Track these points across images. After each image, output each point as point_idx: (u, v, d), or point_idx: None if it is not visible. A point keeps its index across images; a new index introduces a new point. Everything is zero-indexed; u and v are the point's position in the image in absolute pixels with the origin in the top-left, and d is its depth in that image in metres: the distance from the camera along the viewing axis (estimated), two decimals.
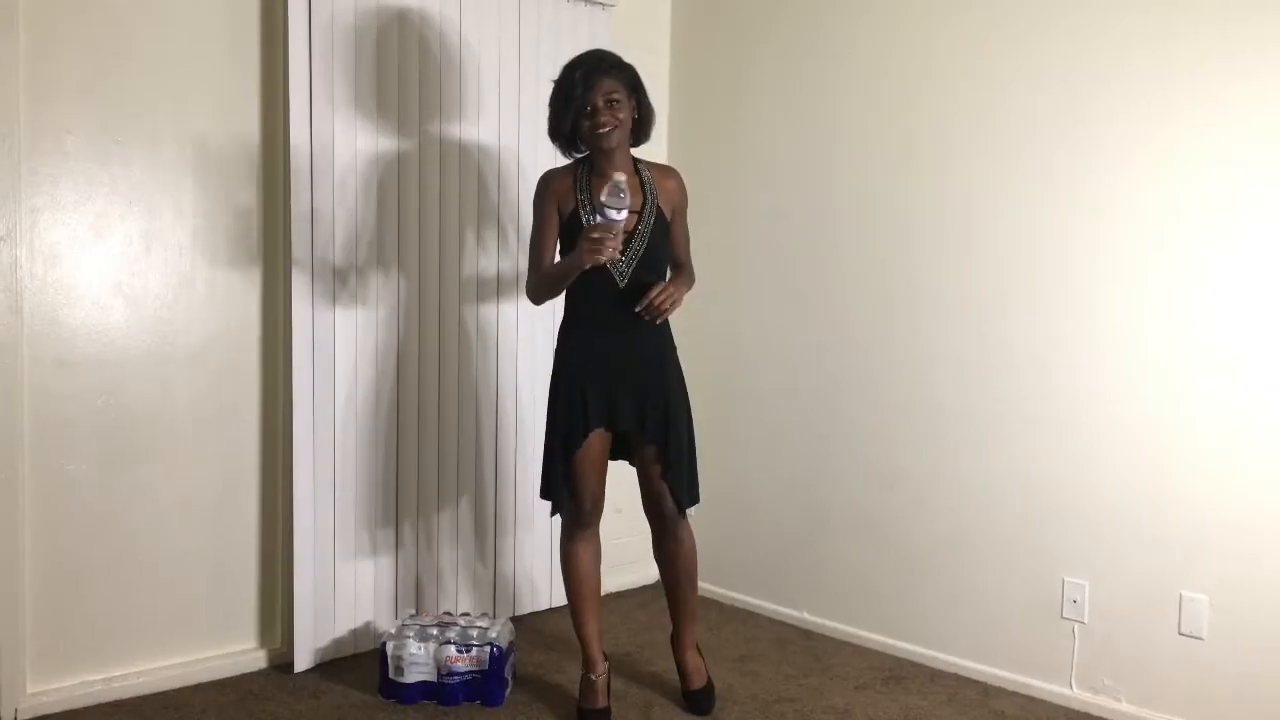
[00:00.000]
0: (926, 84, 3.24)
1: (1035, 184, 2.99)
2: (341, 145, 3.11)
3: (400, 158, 3.26)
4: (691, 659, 2.94)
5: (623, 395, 2.73)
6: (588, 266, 2.54)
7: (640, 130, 2.77)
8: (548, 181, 2.80)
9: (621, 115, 2.66)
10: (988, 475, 3.12)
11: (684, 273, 2.91)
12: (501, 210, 3.54)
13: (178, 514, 2.98)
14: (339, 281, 3.14)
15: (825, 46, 3.52)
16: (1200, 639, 2.70)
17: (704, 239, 3.64)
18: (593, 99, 2.62)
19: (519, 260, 3.56)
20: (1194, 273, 2.70)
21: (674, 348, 2.85)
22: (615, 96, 2.65)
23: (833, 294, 3.52)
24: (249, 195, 3.06)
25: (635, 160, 2.81)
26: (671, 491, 2.80)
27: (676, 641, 2.95)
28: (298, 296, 3.04)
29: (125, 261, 2.87)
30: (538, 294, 2.83)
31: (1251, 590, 2.62)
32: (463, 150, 3.42)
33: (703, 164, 3.84)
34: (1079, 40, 2.89)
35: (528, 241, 2.87)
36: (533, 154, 3.57)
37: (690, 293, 2.89)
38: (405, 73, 3.26)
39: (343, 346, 3.16)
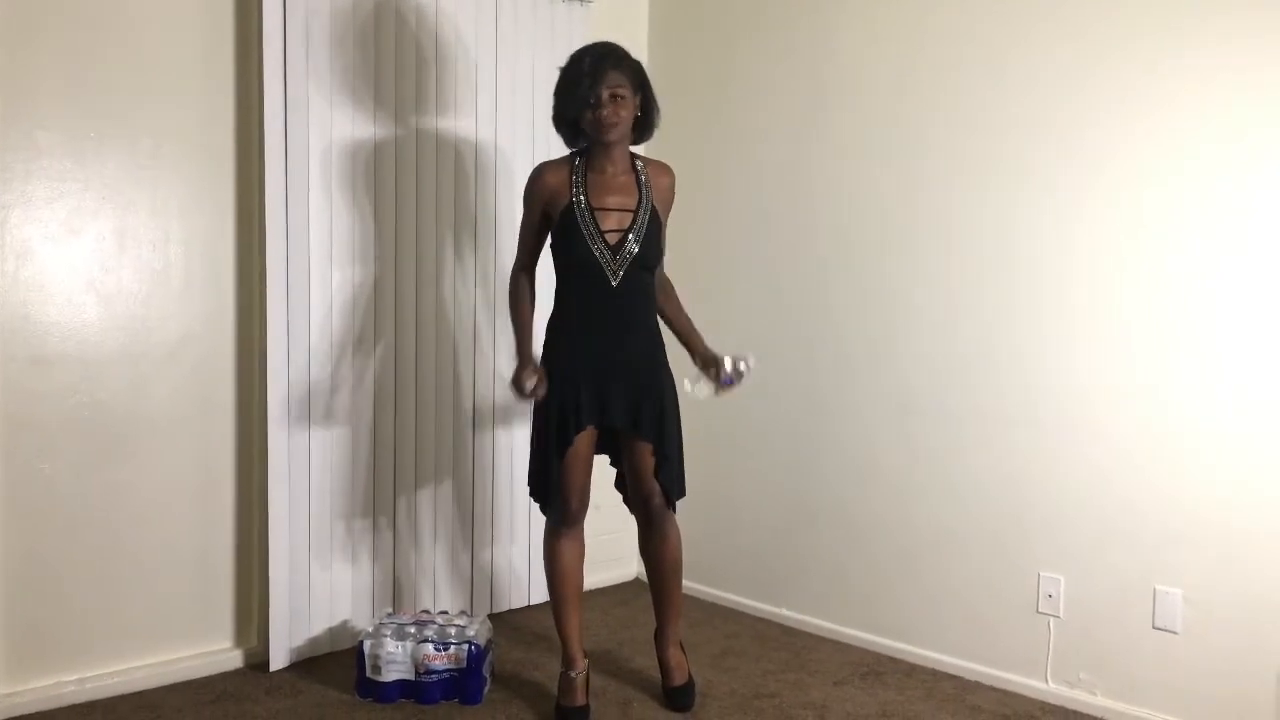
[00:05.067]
0: (907, 83, 3.25)
1: (1015, 184, 3.00)
2: (317, 140, 3.10)
3: (377, 151, 3.25)
4: (674, 655, 2.94)
5: (615, 392, 2.72)
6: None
7: (642, 127, 2.77)
8: (541, 175, 2.79)
9: (624, 112, 2.66)
10: (965, 472, 3.13)
11: (674, 299, 2.95)
12: (480, 203, 3.53)
13: (153, 512, 2.96)
14: (315, 277, 3.12)
15: (804, 44, 3.53)
16: (1174, 632, 2.73)
17: (685, 238, 3.65)
18: (598, 92, 2.62)
19: (499, 254, 3.55)
20: (1169, 272, 2.72)
21: (663, 344, 2.85)
22: (621, 92, 2.64)
23: (813, 293, 3.52)
24: (224, 190, 3.04)
25: (633, 156, 2.80)
26: (663, 487, 2.80)
27: (660, 637, 2.95)
28: (273, 292, 3.02)
29: (98, 258, 2.85)
30: (509, 307, 2.91)
31: (1224, 584, 2.65)
32: (440, 143, 3.41)
33: (682, 162, 3.80)
34: (1059, 38, 2.90)
35: (507, 235, 2.87)
36: (511, 147, 3.57)
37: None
38: (381, 68, 3.24)
39: (319, 342, 3.14)
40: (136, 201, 2.89)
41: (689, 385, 2.79)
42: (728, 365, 2.74)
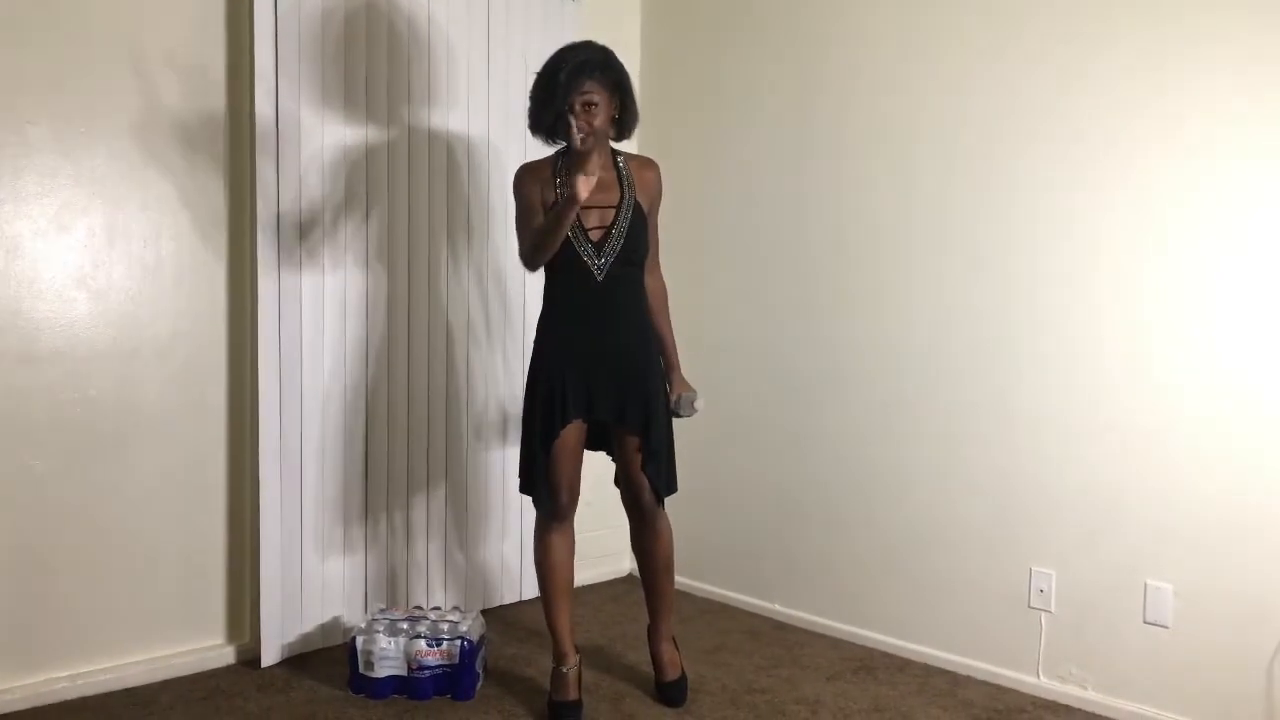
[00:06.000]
0: (898, 80, 3.26)
1: (1006, 180, 3.01)
2: (309, 136, 3.09)
3: (368, 149, 3.24)
4: (667, 650, 2.94)
5: (602, 386, 2.73)
6: (582, 196, 2.52)
7: (621, 127, 2.76)
8: (523, 177, 2.80)
9: (598, 121, 2.65)
10: (956, 468, 3.14)
11: (663, 311, 2.93)
12: (472, 198, 3.53)
13: (144, 509, 2.95)
14: (307, 273, 3.12)
15: (798, 41, 3.53)
16: (1165, 627, 2.73)
17: (675, 235, 3.64)
18: (570, 101, 2.61)
19: (491, 248, 3.56)
20: (1162, 269, 2.73)
21: (652, 339, 2.85)
22: (594, 100, 2.63)
23: (804, 289, 3.53)
24: (215, 187, 3.04)
25: (614, 152, 2.80)
26: (651, 483, 2.80)
27: (652, 632, 2.96)
28: (264, 288, 3.02)
29: (89, 254, 2.84)
30: (533, 256, 2.74)
31: (1215, 579, 2.65)
32: (432, 140, 3.40)
33: (674, 157, 3.82)
34: (1056, 34, 2.90)
35: (499, 229, 2.86)
36: (504, 144, 3.57)
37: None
38: (373, 64, 3.24)
39: (311, 338, 3.14)
40: (127, 197, 2.89)
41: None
42: (673, 400, 2.88)
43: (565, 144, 2.76)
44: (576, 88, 2.61)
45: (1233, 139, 2.59)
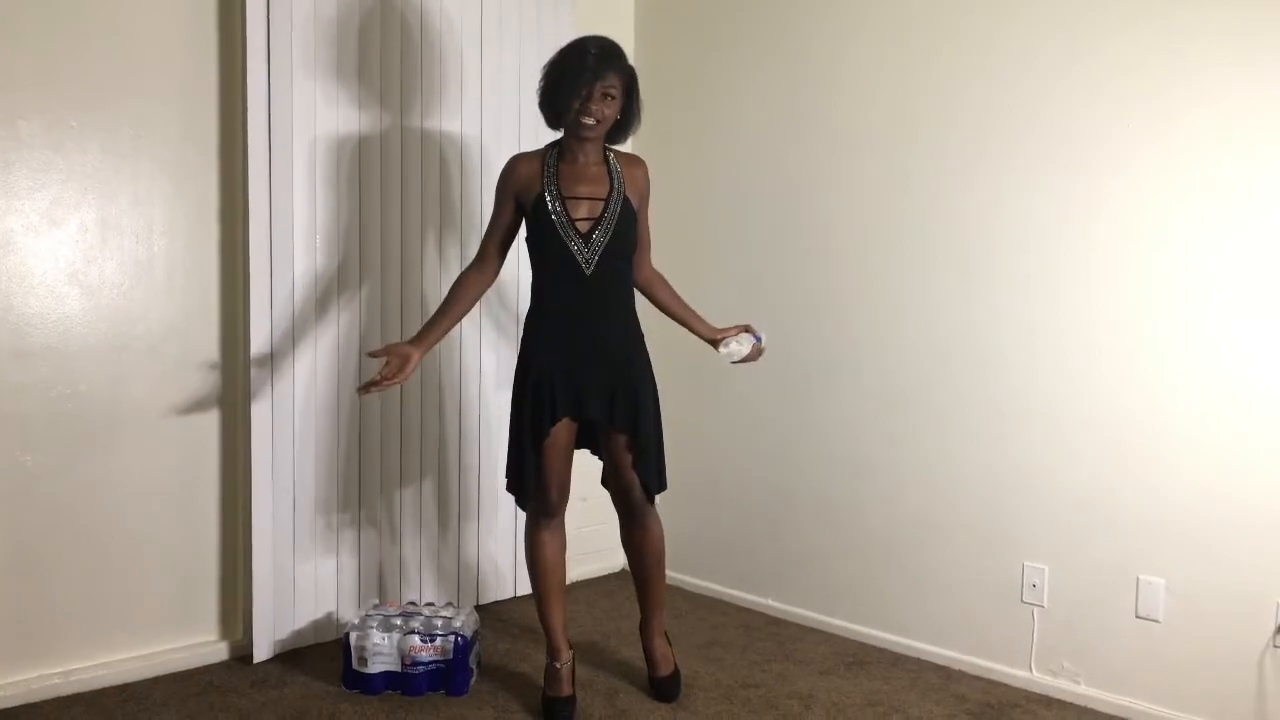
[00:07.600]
0: (889, 75, 3.26)
1: (997, 176, 3.01)
2: (300, 131, 3.08)
3: (361, 144, 3.23)
4: (659, 646, 2.94)
5: (591, 384, 2.72)
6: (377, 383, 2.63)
7: (620, 129, 2.77)
8: (514, 166, 2.78)
9: (609, 110, 2.67)
10: (950, 463, 3.15)
11: (672, 292, 2.97)
12: (463, 197, 3.53)
13: (137, 505, 2.94)
14: (299, 269, 3.11)
15: (792, 37, 3.53)
16: (1157, 621, 2.74)
17: (668, 230, 3.64)
18: (593, 88, 2.62)
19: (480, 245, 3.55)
20: (1153, 266, 2.73)
21: (641, 336, 2.85)
22: (613, 91, 2.66)
23: (797, 285, 3.53)
24: (207, 182, 3.03)
25: (605, 148, 2.80)
26: (641, 480, 2.80)
27: (645, 629, 2.95)
28: (256, 284, 3.01)
29: (81, 249, 2.83)
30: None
31: (1206, 573, 2.66)
32: (425, 137, 3.40)
33: (667, 156, 3.83)
34: (1050, 27, 2.91)
35: (486, 225, 2.87)
36: (496, 143, 3.56)
37: None
38: (366, 60, 3.23)
39: (302, 334, 3.13)
40: (119, 192, 2.87)
41: (723, 349, 2.89)
42: (761, 333, 2.92)
43: (560, 135, 2.76)
44: (601, 76, 2.62)
45: (1228, 136, 2.60)
